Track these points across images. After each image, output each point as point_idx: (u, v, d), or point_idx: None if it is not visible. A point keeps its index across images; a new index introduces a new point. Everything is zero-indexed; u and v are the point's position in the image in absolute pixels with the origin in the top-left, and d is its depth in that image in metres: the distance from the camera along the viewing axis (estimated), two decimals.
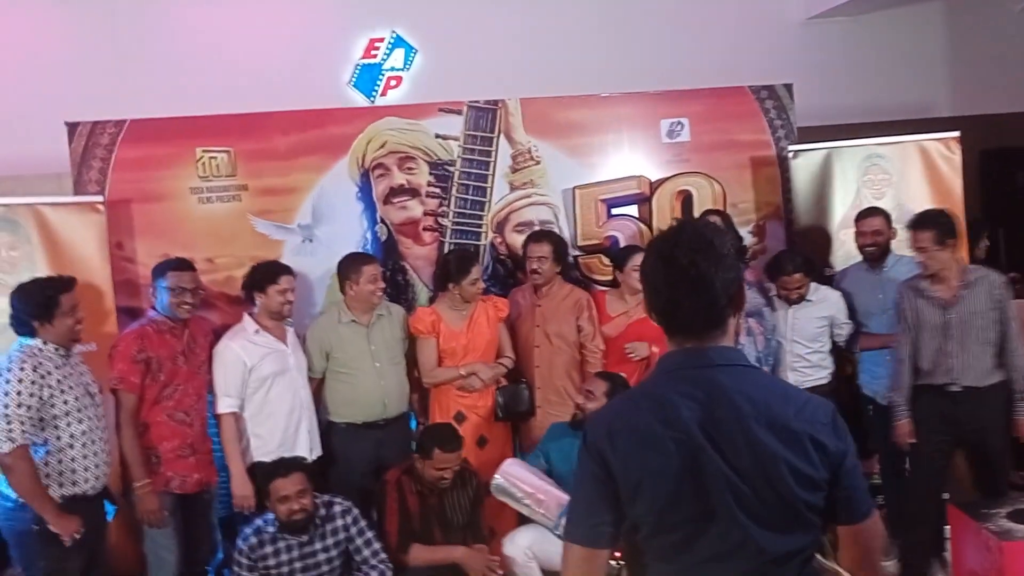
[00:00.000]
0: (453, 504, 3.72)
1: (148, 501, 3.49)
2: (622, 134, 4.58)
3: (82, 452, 3.20)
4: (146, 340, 3.53)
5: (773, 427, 1.44)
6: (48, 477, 3.15)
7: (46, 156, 4.35)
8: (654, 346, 4.06)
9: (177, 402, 3.59)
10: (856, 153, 4.58)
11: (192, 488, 3.61)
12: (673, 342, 1.54)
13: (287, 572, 3.38)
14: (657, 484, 1.44)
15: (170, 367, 3.56)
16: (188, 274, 3.65)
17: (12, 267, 3.73)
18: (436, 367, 4.04)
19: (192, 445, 3.61)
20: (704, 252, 1.47)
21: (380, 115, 4.44)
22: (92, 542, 3.27)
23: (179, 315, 3.60)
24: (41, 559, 3.15)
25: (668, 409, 1.45)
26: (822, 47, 5.67)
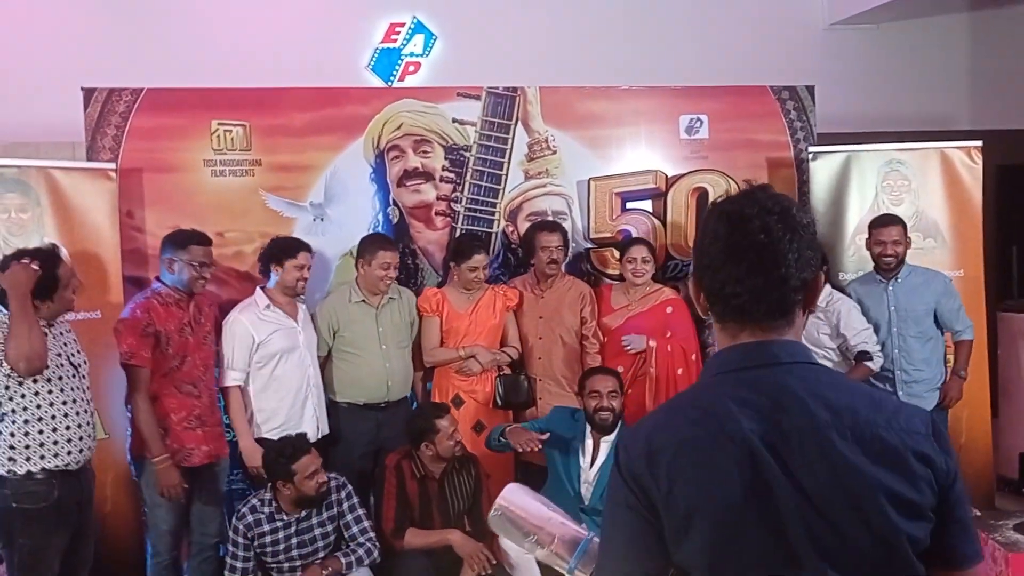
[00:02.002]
0: (453, 489, 3.69)
1: (168, 475, 3.43)
2: (640, 128, 4.54)
3: (64, 424, 3.10)
4: (153, 313, 3.48)
5: (861, 440, 1.13)
6: (27, 448, 3.04)
7: (61, 124, 4.33)
8: (652, 340, 4.04)
9: (185, 374, 3.55)
10: (876, 158, 4.54)
11: (200, 460, 3.55)
12: (726, 333, 1.23)
13: (283, 549, 3.36)
14: (712, 518, 1.12)
15: (177, 339, 3.52)
16: (206, 248, 3.61)
17: (21, 229, 3.69)
18: (437, 347, 4.02)
19: (200, 417, 3.56)
20: (781, 216, 1.18)
21: (398, 97, 4.41)
22: (77, 518, 3.19)
23: (195, 289, 3.57)
24: (21, 536, 3.05)
25: (724, 420, 1.14)
26: (843, 53, 5.64)
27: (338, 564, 3.35)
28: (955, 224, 4.54)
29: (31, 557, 3.07)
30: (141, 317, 3.45)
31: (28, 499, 3.04)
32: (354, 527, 3.45)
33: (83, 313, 3.68)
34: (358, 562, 3.39)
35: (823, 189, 4.55)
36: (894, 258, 4.02)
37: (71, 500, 3.14)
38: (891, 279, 4.08)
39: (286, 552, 3.36)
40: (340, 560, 3.36)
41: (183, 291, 3.56)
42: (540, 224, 4.25)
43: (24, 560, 3.07)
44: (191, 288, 3.55)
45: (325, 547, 3.42)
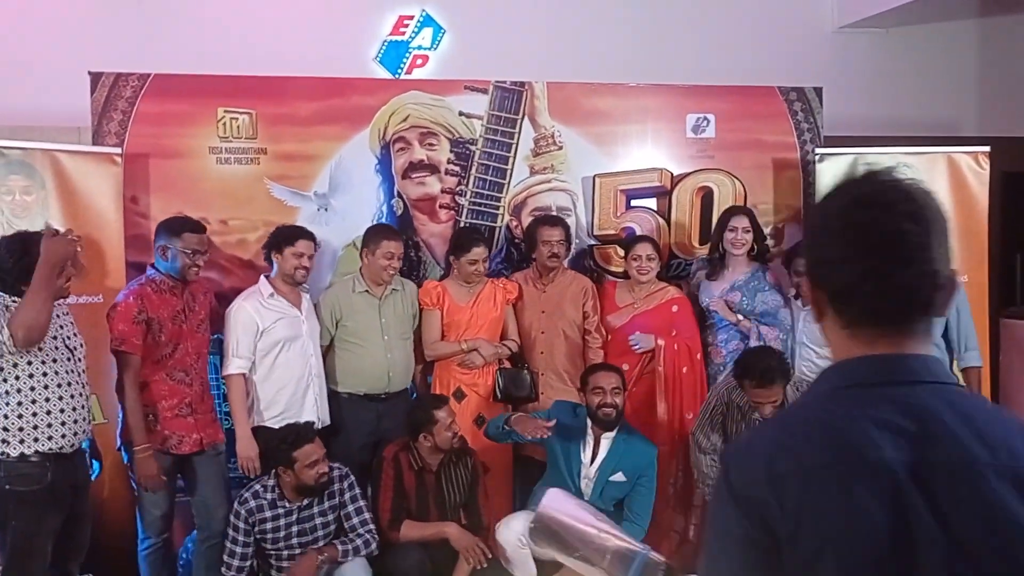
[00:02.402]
0: (450, 482, 3.68)
1: (146, 466, 3.41)
2: (647, 125, 4.54)
3: (58, 406, 3.08)
4: (145, 300, 3.45)
5: (1020, 484, 0.95)
6: (21, 431, 3.03)
7: (67, 109, 4.31)
8: (659, 338, 4.04)
9: (177, 361, 3.53)
10: (882, 161, 4.51)
11: (190, 448, 3.54)
12: (853, 341, 1.04)
13: (283, 536, 3.36)
14: (845, 561, 0.94)
15: (170, 327, 3.50)
16: (201, 236, 3.60)
17: (25, 211, 3.69)
18: (438, 340, 4.02)
19: (191, 404, 3.54)
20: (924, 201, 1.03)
21: (405, 88, 4.40)
22: (71, 501, 3.17)
23: (188, 277, 3.55)
24: (14, 519, 3.03)
25: (862, 446, 0.95)
26: (851, 57, 5.62)
27: (335, 552, 3.35)
28: (960, 229, 4.52)
29: (24, 540, 3.04)
30: (133, 304, 3.43)
31: (21, 481, 3.02)
32: (355, 518, 3.45)
33: (84, 297, 3.68)
34: (355, 552, 3.38)
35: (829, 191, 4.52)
36: None
37: (65, 483, 3.12)
38: None
39: (286, 540, 3.36)
40: (337, 548, 3.36)
41: (177, 278, 3.54)
42: (542, 218, 4.25)
43: (17, 542, 3.04)
44: (184, 275, 3.53)
45: (325, 536, 3.43)
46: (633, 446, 3.69)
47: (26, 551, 3.06)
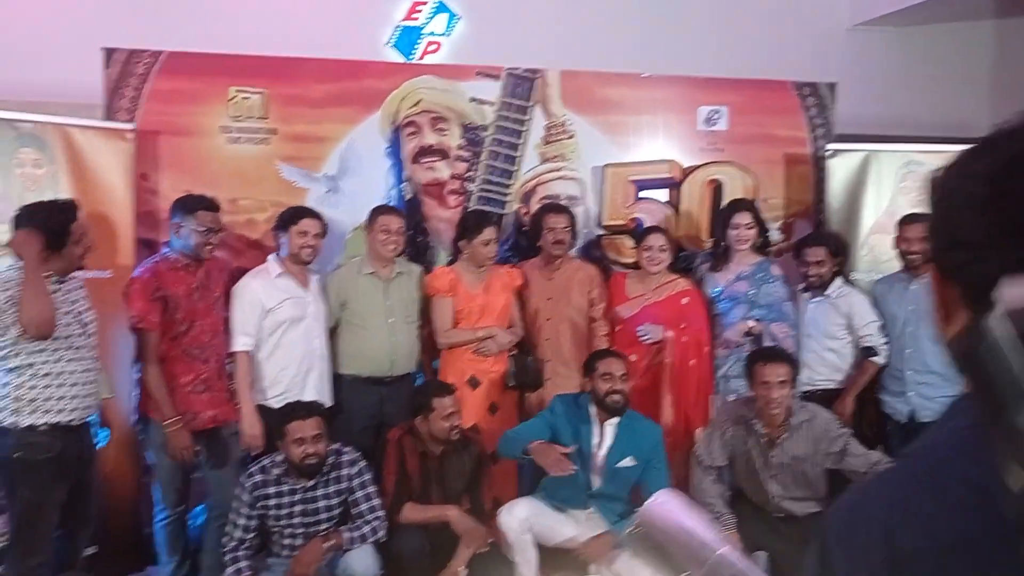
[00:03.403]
0: (453, 469, 3.68)
1: (179, 438, 3.46)
2: (658, 116, 4.52)
3: (70, 380, 3.12)
4: (160, 278, 3.48)
5: None
6: (32, 402, 3.06)
7: (79, 85, 4.30)
8: (668, 330, 4.03)
9: (193, 338, 3.55)
10: (895, 158, 4.51)
11: (204, 424, 3.56)
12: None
13: (286, 515, 3.34)
14: None
15: (186, 304, 3.52)
16: (214, 214, 3.61)
17: (35, 184, 3.69)
18: (451, 328, 4.00)
19: (206, 381, 3.57)
20: None
21: (417, 73, 4.39)
22: (77, 472, 3.22)
23: (202, 254, 3.56)
24: (22, 487, 3.09)
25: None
26: (865, 55, 5.60)
27: (341, 539, 3.31)
28: None
29: (31, 508, 3.10)
30: (149, 281, 3.46)
31: (30, 450, 3.06)
32: (363, 504, 3.41)
33: (93, 272, 3.67)
34: (362, 539, 3.33)
35: (840, 187, 4.52)
36: (918, 255, 3.94)
37: (72, 455, 3.17)
38: (915, 278, 4.02)
39: (289, 519, 3.34)
40: (343, 535, 3.32)
41: (191, 256, 3.56)
42: (548, 206, 4.25)
43: (25, 510, 3.10)
44: (198, 253, 3.55)
45: (329, 519, 3.40)
46: (638, 429, 3.67)
47: (33, 519, 3.11)
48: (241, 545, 3.31)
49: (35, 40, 4.73)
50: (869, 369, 4.04)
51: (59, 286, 3.15)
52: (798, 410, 3.47)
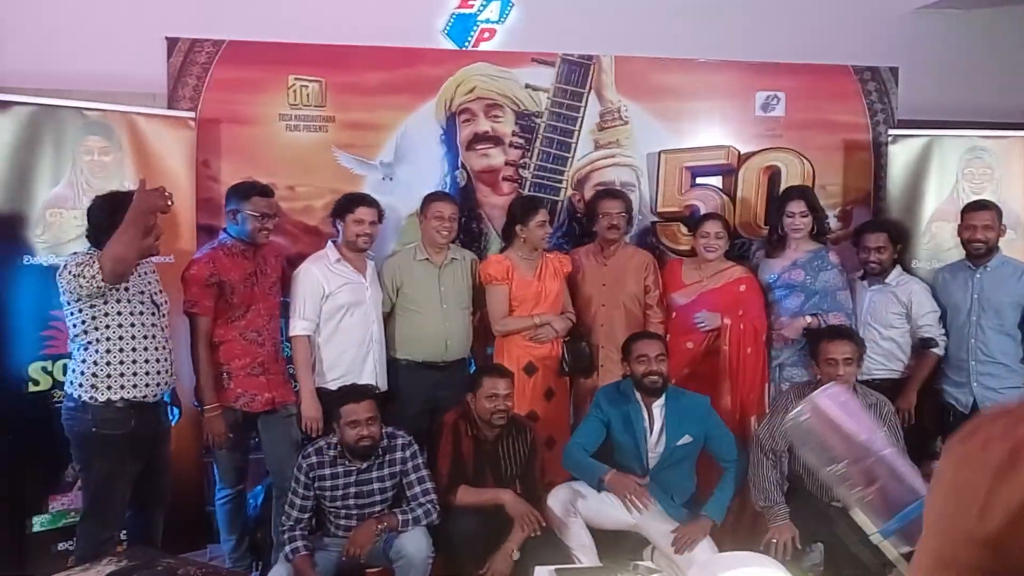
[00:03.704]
0: (507, 453, 3.70)
1: (215, 424, 3.55)
2: (715, 102, 4.49)
3: (143, 357, 3.23)
4: (217, 263, 3.56)
5: None
6: (108, 377, 3.18)
7: (142, 75, 4.41)
8: (725, 318, 3.99)
9: (249, 322, 3.62)
10: (958, 144, 4.40)
11: (260, 407, 3.64)
12: None
13: (341, 495, 3.40)
14: None
15: (242, 289, 3.60)
16: (269, 200, 3.68)
17: (103, 171, 3.79)
18: (507, 315, 4.01)
19: (263, 364, 3.64)
20: None
21: (472, 60, 4.41)
22: (151, 449, 3.34)
23: (258, 240, 3.63)
24: (97, 460, 3.22)
25: None
26: (928, 38, 5.45)
27: (394, 521, 3.34)
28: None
29: (105, 482, 3.23)
30: (205, 267, 3.54)
31: (106, 425, 3.18)
32: (416, 487, 3.44)
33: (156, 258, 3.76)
34: (415, 521, 3.36)
35: (900, 174, 4.43)
36: (983, 244, 3.86)
37: (145, 431, 3.28)
38: (980, 266, 3.92)
39: (343, 499, 3.40)
40: (397, 517, 3.35)
41: (248, 242, 3.63)
42: (603, 191, 4.24)
43: (98, 484, 3.23)
44: (254, 239, 3.61)
45: (383, 501, 3.44)
46: (685, 404, 3.63)
47: (106, 493, 3.24)
48: (297, 525, 3.37)
49: (101, 31, 4.84)
50: (929, 360, 3.96)
51: (133, 270, 3.25)
52: (864, 394, 3.41)
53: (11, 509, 3.60)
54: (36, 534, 3.64)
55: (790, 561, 3.22)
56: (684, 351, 4.07)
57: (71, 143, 3.72)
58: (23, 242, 3.59)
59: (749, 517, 3.97)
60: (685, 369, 4.07)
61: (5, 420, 3.57)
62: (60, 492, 3.69)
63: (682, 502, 3.59)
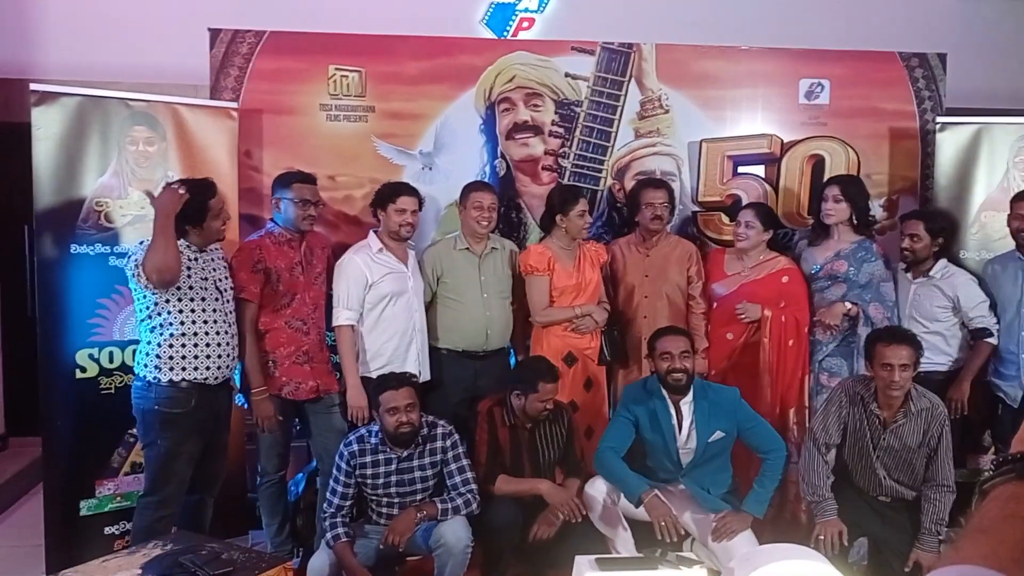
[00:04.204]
0: (545, 438, 3.69)
1: (263, 407, 3.60)
2: (757, 90, 4.41)
3: (204, 340, 3.33)
4: (264, 251, 3.61)
5: None
6: (171, 359, 3.29)
7: (185, 67, 4.48)
8: (767, 309, 3.94)
9: (294, 311, 3.66)
10: (1009, 132, 4.29)
11: (305, 395, 3.69)
12: None
13: (382, 483, 3.41)
14: None
15: (288, 277, 3.64)
16: (311, 187, 3.70)
17: (147, 161, 3.84)
18: (548, 306, 3.99)
19: (308, 353, 3.68)
20: None
21: (511, 49, 4.39)
22: (211, 429, 3.44)
23: (302, 227, 3.66)
24: (160, 438, 3.33)
25: None
26: (976, 24, 5.35)
27: (434, 510, 3.35)
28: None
29: (166, 459, 3.33)
30: (253, 253, 3.59)
31: (169, 404, 3.30)
32: (456, 476, 3.45)
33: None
34: (455, 511, 3.36)
35: (949, 163, 4.33)
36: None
37: (207, 412, 3.39)
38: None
39: (385, 488, 3.42)
40: (437, 506, 3.36)
41: (294, 231, 3.66)
42: (646, 180, 4.19)
43: (161, 459, 3.33)
44: (297, 226, 3.65)
45: (424, 490, 3.46)
46: (714, 399, 3.56)
47: (168, 471, 3.34)
48: (339, 512, 3.39)
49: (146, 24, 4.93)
50: (984, 350, 3.87)
51: (198, 255, 3.38)
52: (918, 397, 3.33)
53: (62, 493, 3.68)
54: (85, 518, 3.72)
55: (836, 556, 3.17)
56: (724, 342, 4.03)
57: (117, 134, 3.77)
58: (71, 231, 3.66)
59: (790, 510, 3.93)
60: (724, 361, 4.03)
61: (55, 406, 3.65)
62: (107, 477, 3.76)
63: (719, 494, 3.55)
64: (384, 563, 3.43)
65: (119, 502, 3.78)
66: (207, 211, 3.34)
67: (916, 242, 3.89)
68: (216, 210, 3.38)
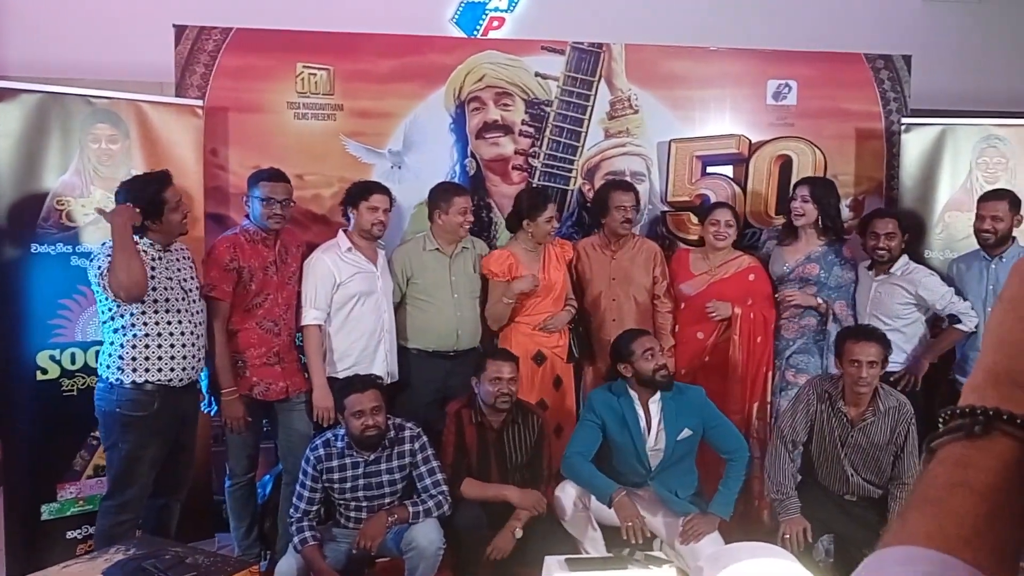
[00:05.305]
0: (513, 442, 3.66)
1: (233, 407, 3.55)
2: (726, 91, 4.44)
3: (169, 342, 3.28)
4: (238, 249, 3.56)
5: None
6: (135, 361, 3.23)
7: (150, 63, 4.40)
8: (736, 307, 3.97)
9: (266, 311, 3.62)
10: (973, 133, 4.35)
11: (275, 395, 3.66)
12: None
13: (349, 487, 3.38)
14: None
15: (261, 277, 3.60)
16: (281, 185, 3.65)
17: (110, 159, 3.77)
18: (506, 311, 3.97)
19: (279, 353, 3.65)
20: None
21: (481, 48, 4.37)
22: (176, 432, 3.38)
23: (269, 226, 3.61)
24: (122, 441, 3.27)
25: None
26: (942, 26, 5.43)
27: (405, 513, 3.32)
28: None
29: (129, 463, 3.27)
30: (225, 252, 3.55)
31: (131, 406, 3.25)
32: (427, 479, 3.42)
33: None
34: (426, 513, 3.33)
35: (914, 163, 4.39)
36: (991, 234, 3.82)
37: (171, 415, 3.33)
38: (995, 257, 3.88)
39: (352, 491, 3.39)
40: (408, 509, 3.33)
41: (267, 229, 3.62)
42: (614, 183, 4.19)
43: (122, 463, 3.28)
44: (265, 224, 3.60)
45: (392, 493, 3.42)
46: (681, 398, 3.59)
47: (129, 474, 3.28)
48: (305, 516, 3.35)
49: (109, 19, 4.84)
50: (953, 335, 3.91)
51: (162, 254, 3.32)
52: (885, 396, 3.36)
53: (22, 498, 3.61)
54: (46, 522, 3.65)
55: (801, 553, 3.19)
56: (695, 341, 4.05)
57: (79, 131, 3.70)
58: (31, 230, 3.58)
59: (756, 509, 3.96)
60: (696, 359, 4.05)
61: (15, 408, 3.58)
62: (69, 480, 3.69)
63: (687, 496, 3.56)
64: (354, 566, 3.41)
65: (81, 506, 3.72)
66: (163, 204, 3.27)
67: (892, 239, 3.92)
68: (173, 202, 3.31)
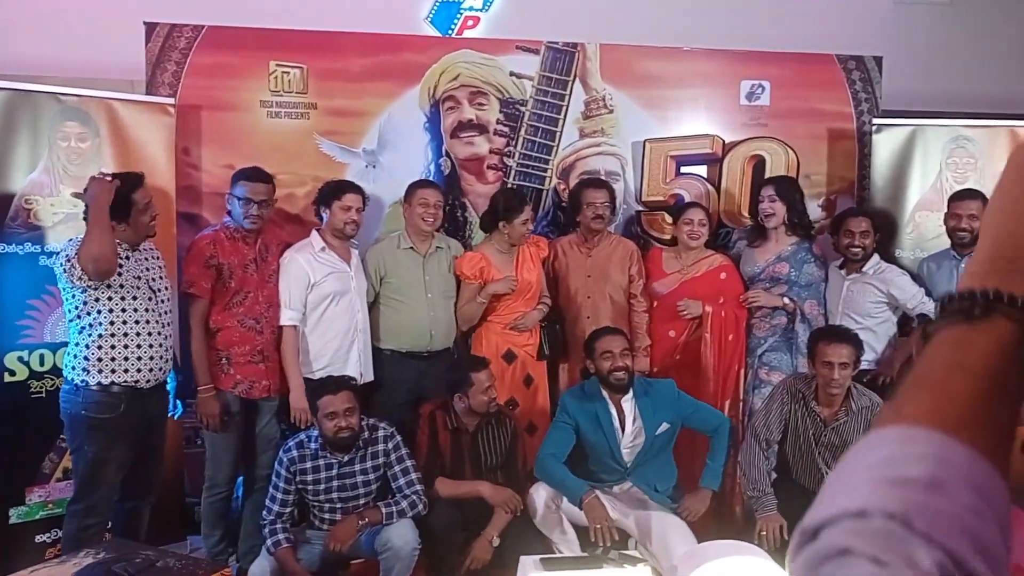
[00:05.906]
0: (487, 444, 3.65)
1: (209, 405, 3.52)
2: (700, 91, 4.46)
3: (135, 342, 3.24)
4: (218, 246, 3.54)
5: None
6: (100, 361, 3.19)
7: (121, 62, 4.34)
8: (707, 305, 4.00)
9: (247, 309, 3.60)
10: (942, 133, 4.41)
11: (258, 394, 3.64)
12: None
13: (323, 489, 3.36)
14: None
15: (241, 274, 3.57)
16: (261, 186, 3.63)
17: (80, 158, 3.72)
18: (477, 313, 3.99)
19: (263, 352, 3.63)
20: None
21: (456, 47, 4.36)
22: (144, 434, 3.34)
23: (246, 225, 3.59)
24: (87, 444, 3.22)
25: None
26: (913, 28, 5.47)
27: (377, 515, 3.30)
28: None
29: (95, 466, 3.23)
30: (205, 248, 3.53)
31: (96, 408, 3.20)
32: (401, 479, 3.40)
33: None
34: (400, 514, 3.31)
35: (885, 164, 4.43)
36: (967, 232, 3.85)
37: (138, 416, 3.29)
38: (965, 256, 3.93)
39: (326, 493, 3.36)
40: (380, 511, 3.30)
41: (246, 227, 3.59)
42: (587, 181, 4.20)
43: (88, 466, 3.23)
44: (243, 223, 3.57)
45: (366, 494, 3.40)
46: (655, 394, 3.61)
47: (96, 477, 3.24)
48: (279, 518, 3.32)
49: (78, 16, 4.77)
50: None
51: (130, 253, 3.28)
52: (858, 395, 3.39)
53: None
54: (14, 526, 3.59)
55: (778, 550, 3.22)
56: (667, 339, 4.08)
57: (48, 129, 3.65)
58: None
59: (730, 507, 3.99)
60: (668, 358, 4.07)
61: None
62: (38, 483, 3.64)
63: (666, 490, 3.58)
64: (328, 567, 3.39)
65: (50, 509, 3.66)
66: (132, 205, 3.24)
67: (866, 238, 3.96)
68: (142, 204, 3.27)
